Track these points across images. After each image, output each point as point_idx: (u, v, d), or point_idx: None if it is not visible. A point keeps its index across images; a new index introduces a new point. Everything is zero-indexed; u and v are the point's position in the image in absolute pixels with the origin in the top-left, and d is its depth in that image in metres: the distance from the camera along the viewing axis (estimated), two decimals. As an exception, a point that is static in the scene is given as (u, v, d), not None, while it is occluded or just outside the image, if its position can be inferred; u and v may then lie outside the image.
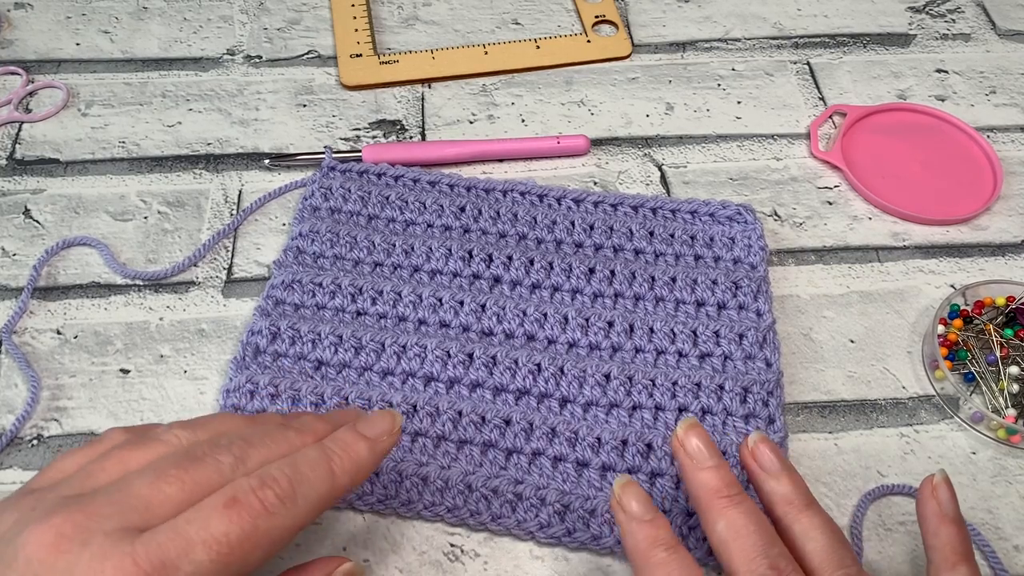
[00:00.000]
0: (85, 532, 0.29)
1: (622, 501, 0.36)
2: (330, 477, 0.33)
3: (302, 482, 0.32)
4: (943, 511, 0.37)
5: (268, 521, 0.31)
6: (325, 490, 0.33)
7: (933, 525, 0.37)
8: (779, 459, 0.37)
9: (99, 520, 0.29)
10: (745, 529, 0.34)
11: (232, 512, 0.30)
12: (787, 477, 0.37)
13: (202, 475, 0.31)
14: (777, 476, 0.37)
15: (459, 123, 0.60)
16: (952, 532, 0.37)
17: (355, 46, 0.64)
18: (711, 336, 0.48)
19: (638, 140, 0.60)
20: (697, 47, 0.66)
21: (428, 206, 0.53)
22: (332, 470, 0.33)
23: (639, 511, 0.35)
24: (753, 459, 0.38)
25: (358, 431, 0.35)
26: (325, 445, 0.34)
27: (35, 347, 0.48)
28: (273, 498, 0.31)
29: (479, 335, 0.48)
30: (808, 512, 0.36)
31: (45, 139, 0.58)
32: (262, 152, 0.58)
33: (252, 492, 0.31)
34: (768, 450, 0.38)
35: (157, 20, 0.66)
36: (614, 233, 0.52)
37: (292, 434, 0.34)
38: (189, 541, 0.29)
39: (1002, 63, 0.65)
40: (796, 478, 0.37)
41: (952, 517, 0.37)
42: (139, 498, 0.30)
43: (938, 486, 0.38)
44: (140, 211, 0.55)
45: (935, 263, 0.54)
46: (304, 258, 0.51)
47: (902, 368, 0.49)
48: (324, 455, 0.33)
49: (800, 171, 0.58)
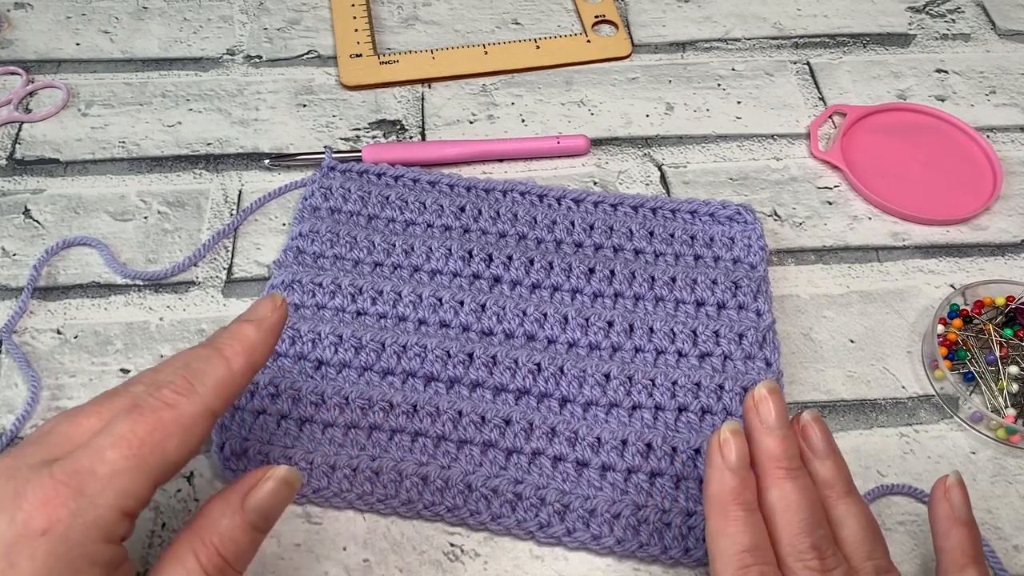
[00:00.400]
0: (11, 470, 0.30)
1: (725, 445, 0.36)
2: (224, 362, 0.34)
3: (196, 374, 0.33)
4: (955, 513, 0.37)
5: (171, 412, 0.32)
6: (222, 374, 0.34)
7: (944, 527, 0.37)
8: (827, 441, 0.38)
9: (24, 458, 0.31)
10: (797, 504, 0.35)
11: (134, 414, 0.32)
12: (832, 461, 0.37)
13: (116, 403, 0.33)
14: (823, 458, 0.37)
15: (459, 123, 0.60)
16: (963, 535, 0.37)
17: (355, 46, 0.64)
18: (711, 336, 0.48)
19: (638, 140, 0.60)
20: (697, 47, 0.66)
21: (428, 206, 0.53)
22: (224, 355, 0.35)
23: (736, 463, 0.36)
24: (803, 438, 0.38)
25: (242, 319, 0.36)
26: (214, 339, 0.35)
27: (35, 347, 0.48)
28: (171, 393, 0.33)
29: (479, 335, 0.48)
30: (848, 499, 0.36)
31: (45, 139, 0.58)
32: (262, 152, 0.58)
33: (150, 395, 0.32)
34: (819, 431, 0.38)
35: (157, 20, 0.66)
36: (614, 233, 0.52)
37: (197, 348, 0.35)
38: (99, 447, 0.31)
39: (1002, 63, 0.65)
40: (841, 463, 0.37)
41: (964, 519, 0.37)
42: (61, 435, 0.32)
43: (951, 488, 0.38)
44: (140, 211, 0.55)
45: (935, 263, 0.54)
46: (304, 258, 0.51)
47: (902, 368, 0.49)
48: (213, 347, 0.35)
49: (800, 171, 0.58)
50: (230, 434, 0.44)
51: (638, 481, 0.43)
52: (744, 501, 0.35)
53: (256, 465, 0.43)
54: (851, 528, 0.35)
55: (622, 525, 0.42)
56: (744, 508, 0.35)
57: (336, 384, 0.45)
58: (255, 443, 0.43)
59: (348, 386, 0.45)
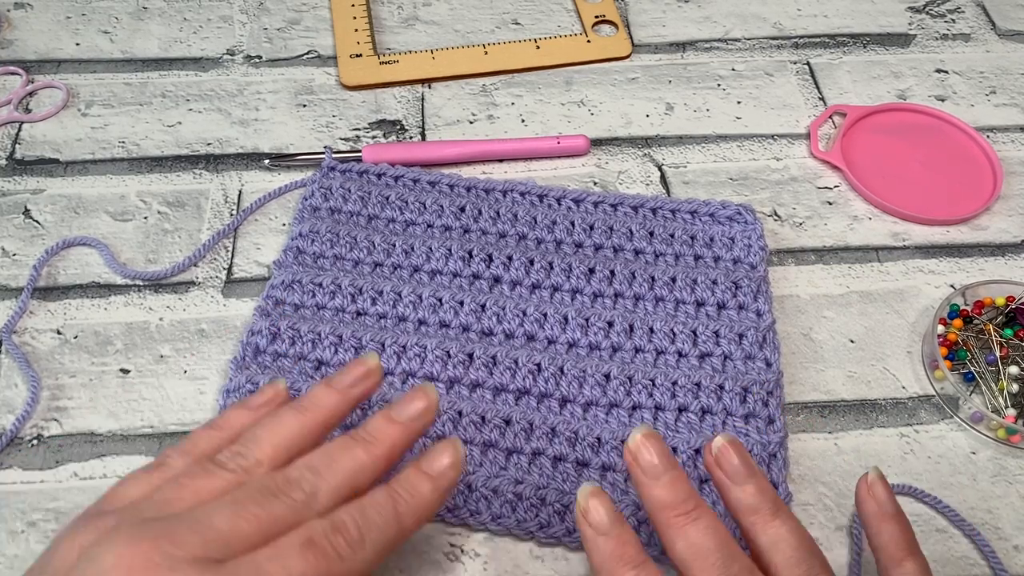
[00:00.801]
0: (171, 559, 0.30)
1: (587, 513, 0.35)
2: (397, 521, 0.34)
3: (371, 528, 0.33)
4: (882, 509, 0.37)
5: (339, 565, 0.32)
6: (392, 534, 0.34)
7: (875, 525, 0.37)
8: (745, 465, 0.36)
9: (184, 548, 0.30)
10: (704, 548, 0.33)
11: (308, 554, 0.31)
12: (753, 484, 0.35)
13: (277, 512, 0.32)
14: (743, 483, 0.35)
15: (459, 123, 0.60)
16: (893, 528, 0.36)
17: (355, 46, 0.64)
18: (711, 336, 0.48)
19: (638, 140, 0.60)
20: (697, 47, 0.66)
21: (428, 206, 0.53)
22: (399, 513, 0.34)
23: (605, 524, 0.34)
24: (718, 465, 0.36)
25: (422, 469, 0.36)
26: (392, 488, 0.35)
27: (35, 347, 0.48)
28: (344, 544, 0.32)
29: (479, 335, 0.48)
30: (776, 521, 0.34)
31: (45, 139, 0.58)
32: (262, 152, 0.58)
33: (326, 536, 0.32)
34: (734, 455, 0.36)
35: (157, 20, 0.66)
36: (614, 233, 0.52)
37: (359, 452, 0.35)
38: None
39: (1002, 63, 0.65)
40: (762, 483, 0.35)
41: (891, 513, 0.37)
42: (219, 531, 0.31)
43: (873, 484, 0.38)
44: (140, 211, 0.55)
45: (935, 263, 0.54)
46: (304, 258, 0.51)
47: (902, 368, 0.49)
48: (390, 499, 0.34)
49: (800, 171, 0.58)
50: (230, 434, 0.44)
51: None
52: (628, 558, 0.33)
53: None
54: (784, 552, 0.34)
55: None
56: (631, 566, 0.33)
57: (336, 384, 0.45)
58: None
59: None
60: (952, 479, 0.45)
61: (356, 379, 0.38)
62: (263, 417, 0.37)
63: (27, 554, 0.41)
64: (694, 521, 0.34)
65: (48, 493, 0.43)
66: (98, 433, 0.45)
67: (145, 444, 0.45)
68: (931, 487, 0.44)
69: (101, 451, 0.45)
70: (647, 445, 0.35)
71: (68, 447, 0.45)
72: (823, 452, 0.45)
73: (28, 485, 0.43)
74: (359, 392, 0.38)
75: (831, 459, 0.45)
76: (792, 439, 0.46)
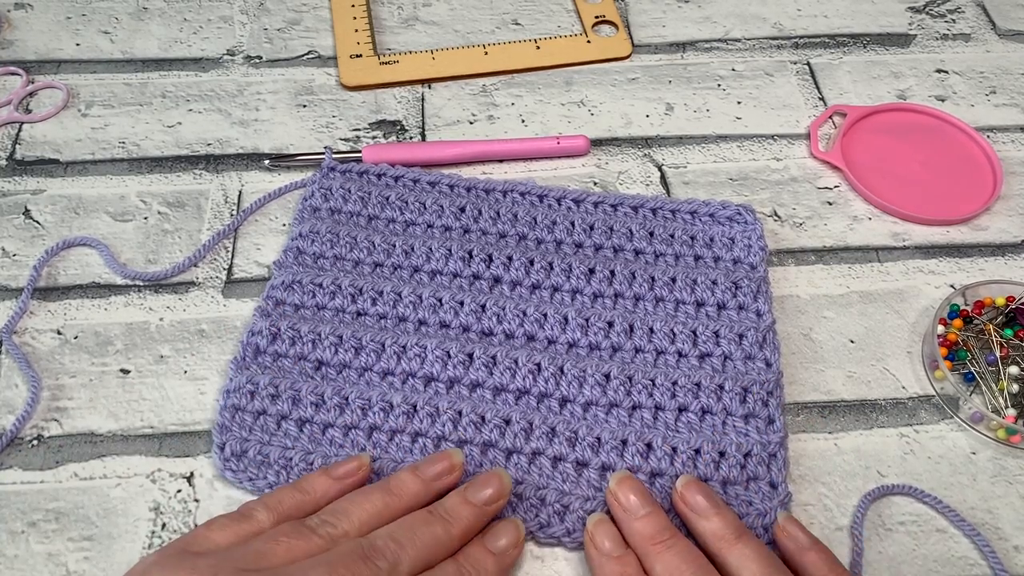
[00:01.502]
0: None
1: (594, 537, 0.40)
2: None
3: None
4: (799, 545, 0.40)
5: None
6: None
7: (797, 559, 0.39)
8: (708, 499, 0.40)
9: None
10: (679, 569, 0.37)
11: None
12: (716, 515, 0.40)
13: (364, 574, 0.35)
14: (707, 515, 0.40)
15: (459, 123, 0.60)
16: (814, 558, 0.39)
17: (355, 46, 0.64)
18: (711, 336, 0.48)
19: (638, 140, 0.60)
20: (697, 47, 0.66)
21: (428, 206, 0.53)
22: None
23: (609, 548, 0.39)
24: (683, 502, 0.41)
25: (487, 547, 0.39)
26: (460, 563, 0.38)
27: (35, 347, 0.48)
28: None
29: (479, 335, 0.48)
30: (739, 544, 0.38)
31: (45, 139, 0.58)
32: (262, 152, 0.58)
33: None
34: (697, 492, 0.41)
35: (157, 20, 0.66)
36: (614, 233, 0.52)
37: (438, 529, 0.38)
38: None
39: (1002, 63, 0.65)
40: (726, 513, 0.40)
41: (808, 546, 0.39)
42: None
43: (785, 525, 0.40)
44: (140, 211, 0.55)
45: (935, 263, 0.54)
46: (304, 259, 0.51)
47: (902, 368, 0.49)
48: (459, 573, 0.37)
49: (800, 171, 0.58)
50: (230, 435, 0.44)
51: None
52: None
53: (255, 466, 0.43)
54: (750, 569, 0.37)
55: (622, 525, 0.42)
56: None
57: (336, 385, 0.45)
58: (255, 444, 0.43)
59: (348, 387, 0.45)
60: (952, 479, 0.45)
61: (441, 472, 0.40)
62: (346, 488, 0.40)
63: (27, 554, 0.41)
64: (670, 547, 0.38)
65: (48, 493, 0.43)
66: (98, 433, 0.45)
67: (145, 444, 0.45)
68: (931, 487, 0.44)
69: (101, 451, 0.45)
70: (625, 486, 0.41)
71: (68, 447, 0.45)
72: (823, 452, 0.45)
73: (28, 485, 0.43)
74: (441, 485, 0.40)
75: (831, 459, 0.45)
76: (792, 439, 0.46)
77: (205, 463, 0.44)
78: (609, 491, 0.41)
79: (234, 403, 0.45)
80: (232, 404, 0.45)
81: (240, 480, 0.43)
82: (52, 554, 0.41)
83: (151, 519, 0.42)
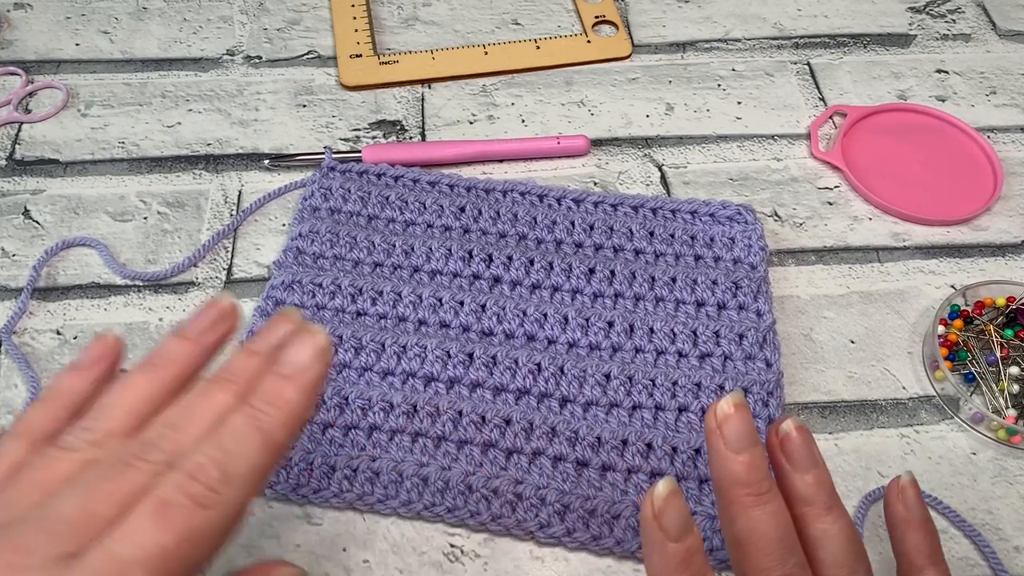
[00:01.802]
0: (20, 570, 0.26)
1: (660, 518, 0.32)
2: (263, 443, 0.29)
3: (232, 460, 0.28)
4: (909, 515, 0.36)
5: (205, 514, 0.27)
6: (262, 458, 0.29)
7: (900, 530, 0.36)
8: (810, 452, 0.34)
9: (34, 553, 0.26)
10: (765, 535, 0.32)
11: (162, 519, 0.27)
12: (814, 475, 0.34)
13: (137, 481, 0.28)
14: (804, 472, 0.34)
15: (459, 123, 0.60)
16: (918, 537, 0.35)
17: (355, 46, 0.64)
18: (711, 336, 0.48)
19: (638, 140, 0.60)
20: (697, 47, 0.66)
21: (428, 206, 0.53)
22: (264, 432, 0.29)
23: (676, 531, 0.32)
24: (781, 449, 0.34)
25: (280, 372, 0.31)
26: (249, 404, 0.30)
27: (35, 347, 0.48)
28: (203, 490, 0.27)
29: (479, 335, 0.48)
30: (829, 516, 0.33)
31: (45, 139, 0.58)
32: (262, 152, 0.58)
33: (180, 490, 0.27)
34: (801, 441, 0.34)
35: (157, 20, 0.66)
36: (614, 233, 0.52)
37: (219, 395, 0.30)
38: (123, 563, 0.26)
39: (1002, 63, 0.65)
40: (824, 475, 0.34)
41: (918, 521, 0.36)
42: (70, 522, 0.27)
43: (904, 488, 0.36)
44: (140, 211, 0.55)
45: (935, 263, 0.54)
46: (304, 258, 0.51)
47: (902, 368, 0.49)
48: (250, 419, 0.29)
49: (800, 171, 0.58)
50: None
51: (638, 481, 0.43)
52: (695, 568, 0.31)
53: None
54: (830, 550, 0.33)
55: (622, 526, 0.42)
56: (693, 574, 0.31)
57: (336, 385, 0.45)
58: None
59: (348, 387, 0.45)
60: (952, 480, 0.45)
61: (209, 324, 0.33)
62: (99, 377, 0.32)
63: (26, 555, 0.41)
64: (763, 504, 0.32)
65: (47, 493, 0.43)
66: (98, 433, 0.45)
67: (145, 444, 0.45)
68: (931, 488, 0.44)
69: (101, 451, 0.44)
70: (737, 416, 0.33)
71: (68, 447, 0.45)
72: (823, 452, 0.44)
73: (27, 485, 0.43)
74: (214, 339, 0.33)
75: (831, 459, 0.45)
76: (792, 439, 0.46)
77: (205, 463, 0.44)
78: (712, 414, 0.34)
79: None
80: None
81: (240, 480, 0.43)
82: (51, 554, 0.41)
83: (151, 519, 0.42)
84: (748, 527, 0.32)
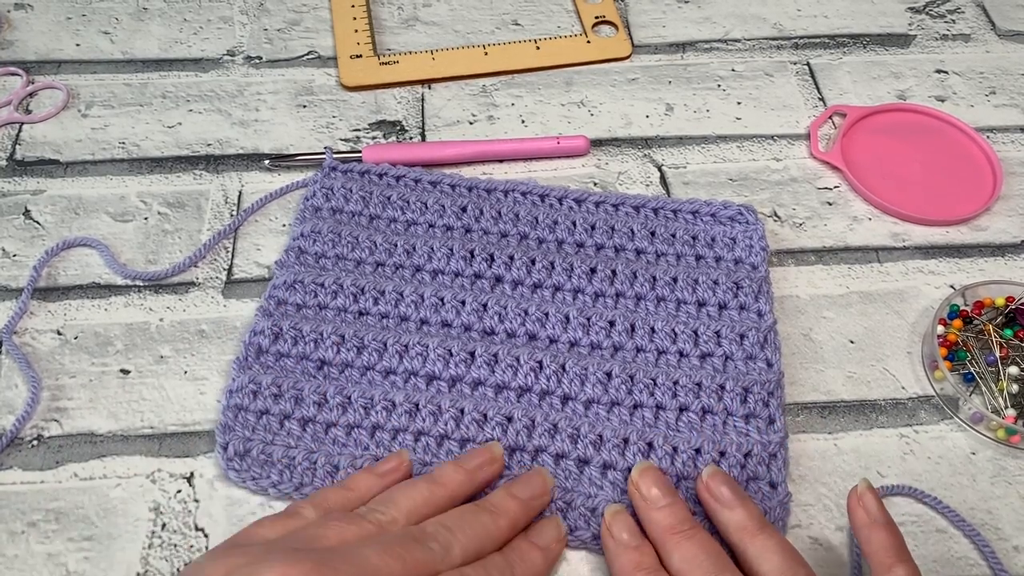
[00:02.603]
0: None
1: (612, 527, 0.40)
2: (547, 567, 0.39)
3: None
4: (871, 518, 0.39)
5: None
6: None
7: (864, 533, 0.39)
8: (732, 490, 0.40)
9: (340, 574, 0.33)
10: (696, 559, 0.37)
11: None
12: (740, 506, 0.39)
13: (419, 557, 0.35)
14: (731, 506, 0.39)
15: (459, 124, 0.60)
16: (883, 536, 0.38)
17: (355, 47, 0.64)
18: (712, 336, 0.48)
19: (638, 141, 0.60)
20: (697, 48, 0.66)
21: (430, 206, 0.53)
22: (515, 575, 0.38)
23: (627, 539, 0.39)
24: (708, 492, 0.40)
25: (532, 541, 0.39)
26: (508, 555, 0.38)
27: (35, 348, 0.48)
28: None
29: (481, 334, 0.48)
30: (761, 536, 0.38)
31: (45, 140, 0.58)
32: (262, 153, 0.58)
33: None
34: (722, 482, 0.40)
35: (157, 21, 0.66)
36: (615, 233, 0.52)
37: (486, 519, 0.38)
38: None
39: (1002, 63, 0.65)
40: (749, 506, 0.39)
41: (881, 522, 0.39)
42: (372, 566, 0.34)
43: (863, 495, 0.40)
44: (140, 212, 0.55)
45: (935, 263, 0.54)
46: (306, 258, 0.51)
47: (902, 368, 0.49)
48: (509, 564, 0.37)
49: (800, 172, 0.58)
50: (233, 435, 0.44)
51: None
52: (646, 567, 0.38)
53: (258, 466, 0.43)
54: (771, 562, 0.37)
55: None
56: (647, 572, 0.38)
57: (339, 384, 0.45)
58: (258, 443, 0.43)
59: (351, 386, 0.45)
60: (952, 479, 0.45)
61: (482, 463, 0.41)
62: (388, 483, 0.40)
63: (27, 554, 0.41)
64: (689, 538, 0.38)
65: (48, 493, 0.43)
66: (98, 434, 0.45)
67: (145, 445, 0.45)
68: (931, 487, 0.44)
69: (101, 452, 0.44)
70: (648, 476, 0.41)
71: (68, 448, 0.45)
72: (823, 452, 0.46)
73: (28, 485, 0.43)
74: (484, 477, 0.41)
75: (831, 460, 0.45)
76: (792, 439, 0.46)
77: (205, 463, 0.44)
78: (631, 481, 0.41)
79: (237, 403, 0.45)
80: (235, 404, 0.45)
81: (243, 480, 0.43)
82: (52, 554, 0.41)
83: (151, 519, 0.42)
84: (683, 557, 0.38)
